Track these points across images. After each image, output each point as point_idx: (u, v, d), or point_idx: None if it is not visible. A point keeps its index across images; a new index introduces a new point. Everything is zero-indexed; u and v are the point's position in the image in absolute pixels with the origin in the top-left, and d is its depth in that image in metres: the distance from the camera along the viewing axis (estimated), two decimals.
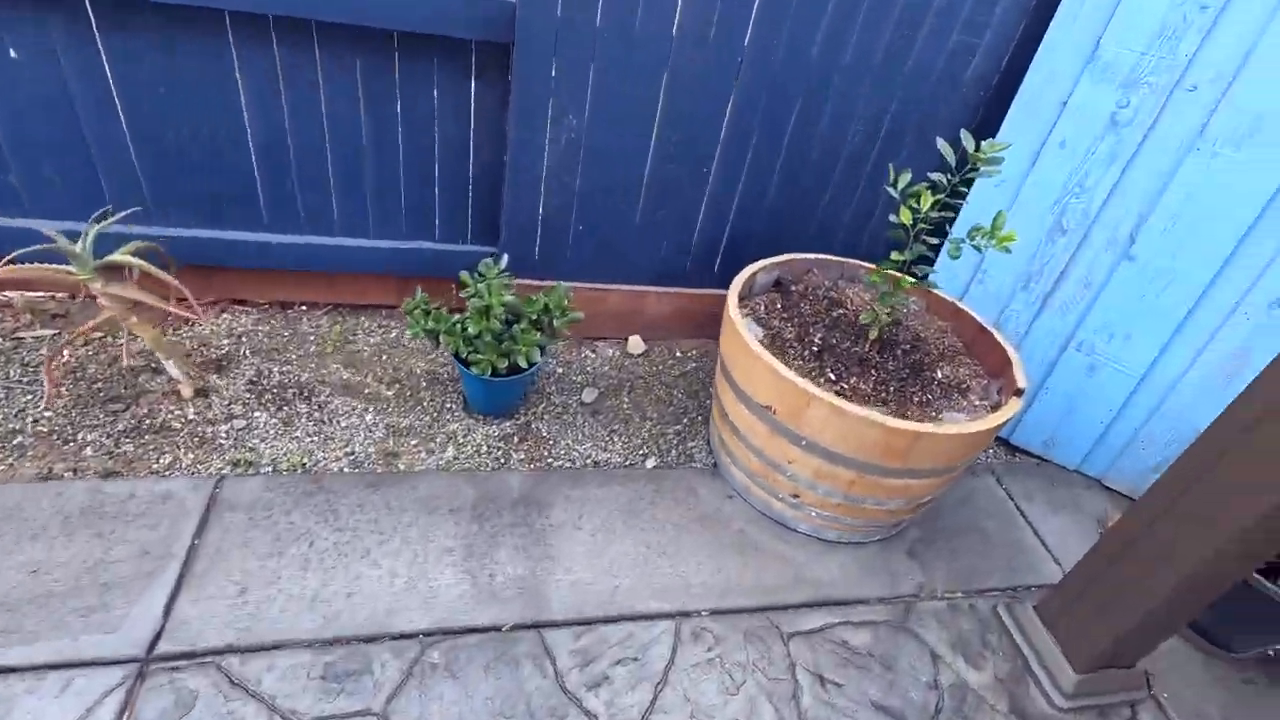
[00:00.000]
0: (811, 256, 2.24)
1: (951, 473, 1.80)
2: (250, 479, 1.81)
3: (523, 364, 1.95)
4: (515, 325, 2.00)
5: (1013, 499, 2.25)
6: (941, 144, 1.75)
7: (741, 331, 1.80)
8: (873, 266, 2.22)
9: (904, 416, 1.77)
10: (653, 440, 2.22)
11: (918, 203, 1.72)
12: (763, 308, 2.07)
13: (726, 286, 2.01)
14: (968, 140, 1.73)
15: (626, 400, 2.35)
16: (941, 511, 2.16)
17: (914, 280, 1.85)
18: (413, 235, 2.28)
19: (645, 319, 2.52)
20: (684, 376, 2.50)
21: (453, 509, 1.83)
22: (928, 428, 1.60)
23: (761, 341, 1.88)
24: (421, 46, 1.92)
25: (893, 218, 1.77)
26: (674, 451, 2.20)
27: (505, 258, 1.99)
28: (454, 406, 2.18)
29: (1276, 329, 1.93)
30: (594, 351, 2.52)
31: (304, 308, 2.42)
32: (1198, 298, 2.00)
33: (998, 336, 2.00)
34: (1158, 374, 2.15)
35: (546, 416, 2.23)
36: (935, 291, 2.18)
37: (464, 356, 1.95)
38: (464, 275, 1.96)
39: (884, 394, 1.84)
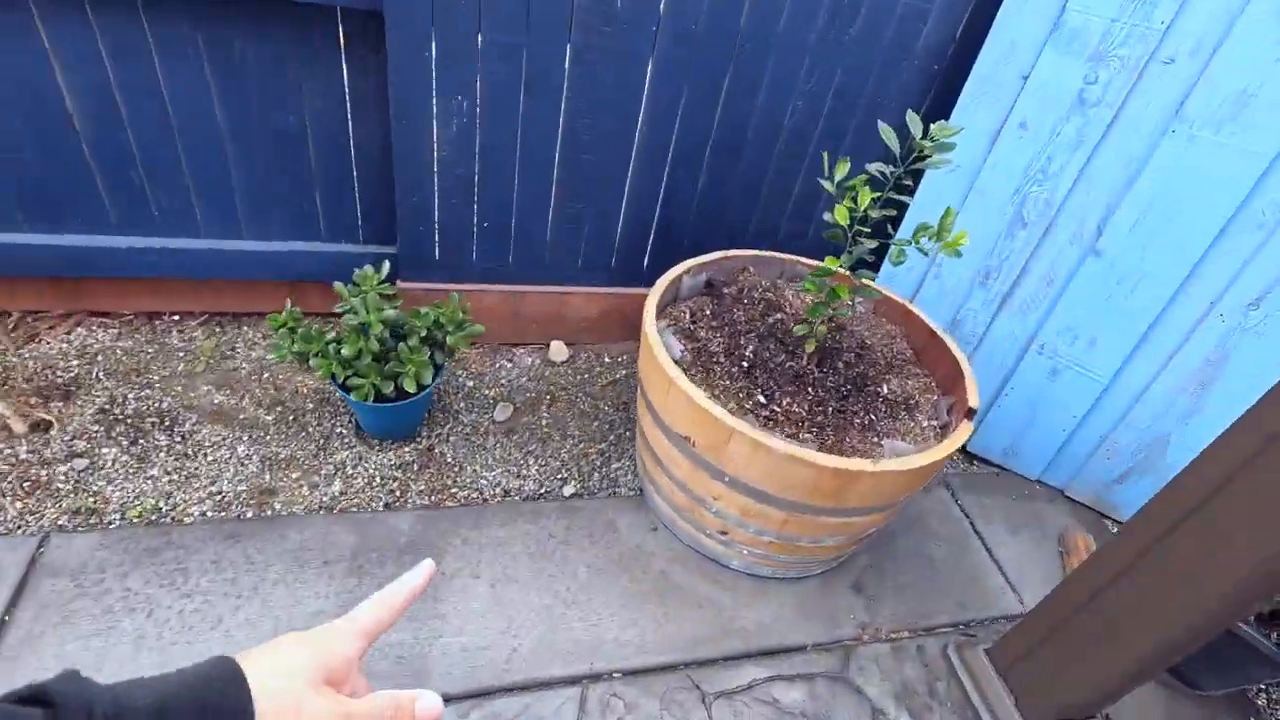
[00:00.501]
0: (748, 253, 1.99)
1: (894, 508, 1.60)
2: (82, 535, 1.54)
3: (410, 389, 1.70)
4: (404, 342, 1.73)
5: (969, 517, 2.07)
6: (884, 129, 1.51)
7: (656, 351, 1.56)
8: (817, 263, 1.99)
9: (842, 443, 1.55)
10: (573, 462, 1.99)
11: (855, 201, 1.48)
12: (688, 315, 1.82)
13: (660, 277, 1.77)
14: (914, 124, 1.48)
15: (546, 416, 2.11)
16: (891, 534, 1.96)
17: (853, 290, 1.62)
18: (293, 235, 1.99)
19: (568, 322, 2.26)
20: (612, 385, 2.26)
21: (328, 560, 1.59)
22: (862, 465, 1.39)
23: (681, 360, 1.64)
24: (273, 13, 1.61)
25: (828, 216, 1.53)
26: (596, 475, 1.97)
27: (387, 264, 1.72)
28: (345, 431, 1.92)
29: (1254, 332, 1.74)
30: (511, 360, 2.26)
31: (175, 318, 2.12)
32: (1169, 297, 1.80)
33: (950, 345, 1.78)
34: (1125, 379, 1.96)
35: (453, 438, 1.98)
36: (884, 291, 1.95)
37: (343, 381, 1.69)
38: (338, 287, 1.69)
39: (821, 416, 1.62)
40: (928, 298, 2.13)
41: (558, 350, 2.29)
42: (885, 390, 1.75)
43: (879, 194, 1.51)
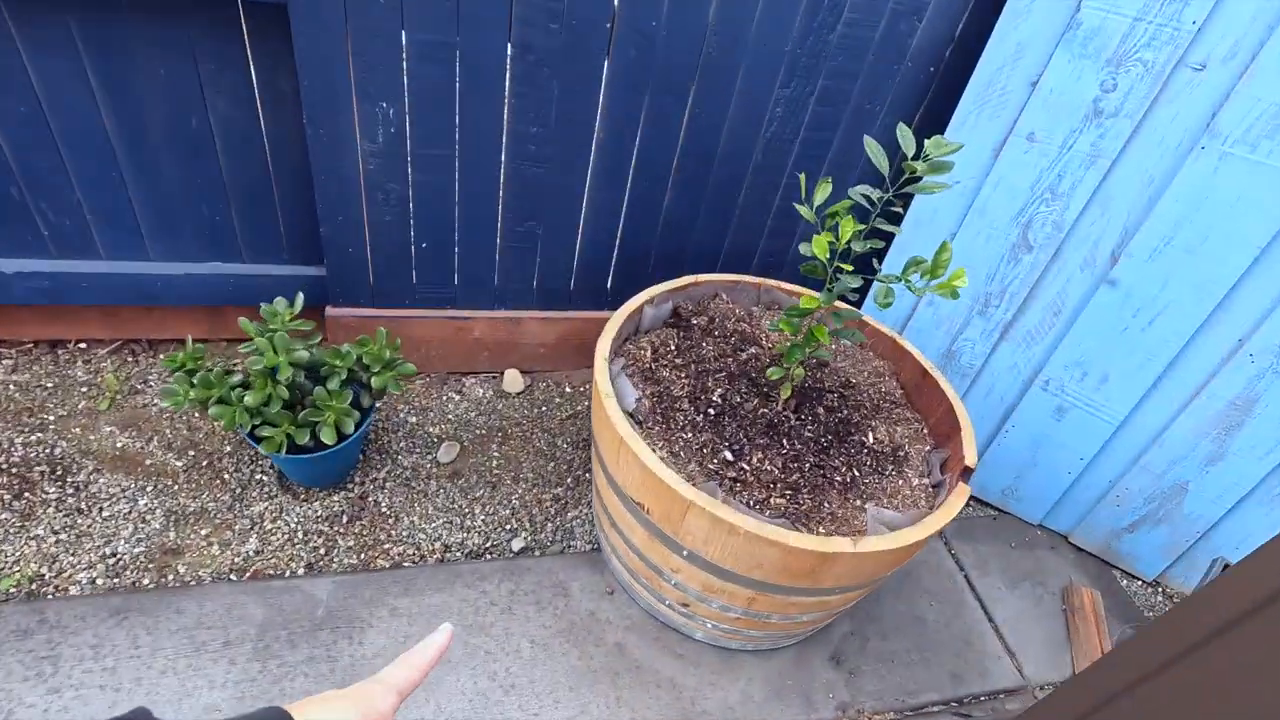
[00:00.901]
0: (720, 278, 1.78)
1: (877, 584, 1.40)
2: None
3: (329, 439, 1.48)
4: (323, 385, 1.52)
5: (963, 569, 1.87)
6: (870, 145, 1.30)
7: (606, 404, 1.35)
8: (799, 290, 1.78)
9: (820, 508, 1.35)
10: (525, 510, 1.78)
11: (837, 233, 1.27)
12: (649, 352, 1.61)
13: (620, 307, 1.56)
14: (906, 140, 1.27)
15: (496, 455, 1.90)
16: (877, 594, 1.76)
17: (834, 332, 1.41)
18: (208, 255, 1.76)
19: (524, 350, 2.05)
20: (573, 419, 2.05)
21: (229, 641, 1.38)
22: (839, 546, 1.18)
23: (637, 410, 1.43)
24: (161, 2, 1.39)
25: (804, 247, 1.32)
26: (550, 525, 1.77)
27: (301, 296, 1.50)
28: (266, 478, 1.71)
29: None
30: (460, 392, 2.05)
31: (82, 346, 1.90)
32: (1192, 334, 1.60)
33: (945, 388, 1.58)
34: (1138, 421, 1.76)
35: (390, 484, 1.77)
36: (871, 322, 1.75)
37: (250, 430, 1.48)
38: (244, 323, 1.47)
39: (797, 474, 1.42)
40: (920, 325, 1.92)
41: (513, 380, 2.07)
42: (871, 439, 1.55)
43: (863, 225, 1.30)
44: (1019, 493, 2.00)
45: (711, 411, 1.51)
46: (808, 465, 1.45)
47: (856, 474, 1.47)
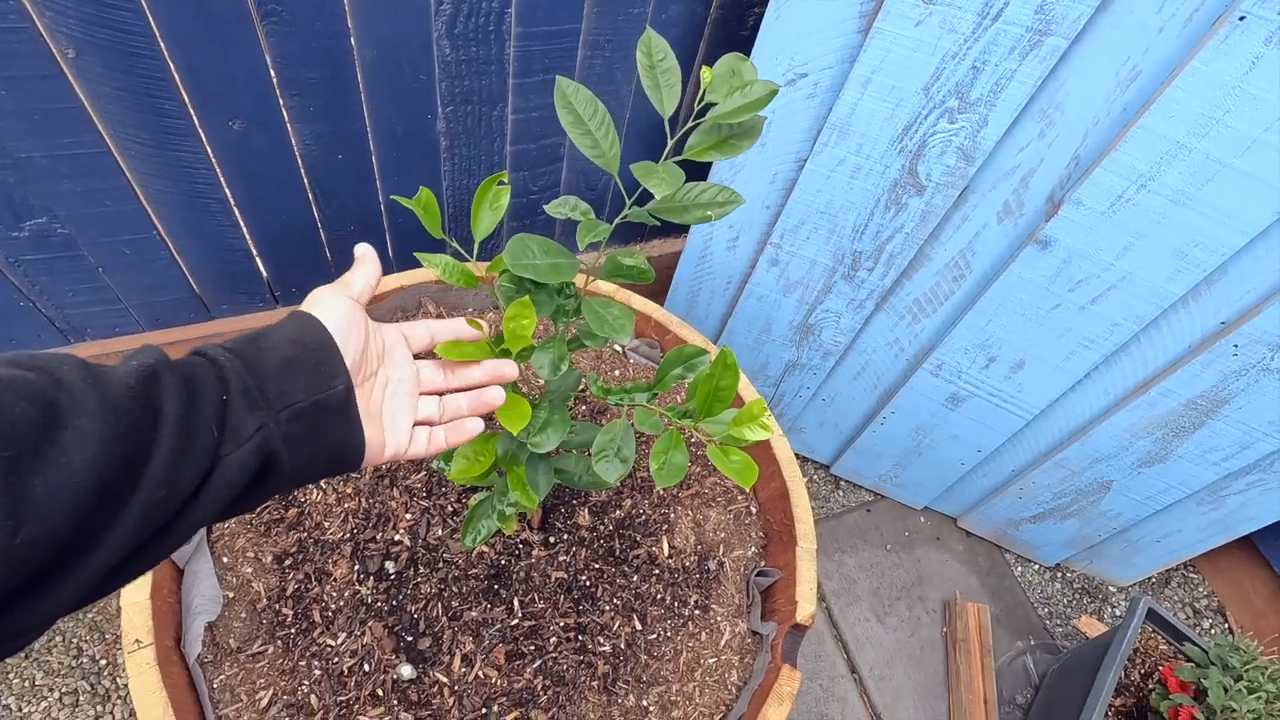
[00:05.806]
0: (422, 276, 1.05)
1: None
2: None
3: None
4: None
5: (823, 598, 1.44)
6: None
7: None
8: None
9: None
10: None
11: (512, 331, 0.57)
12: None
13: None
14: (655, 73, 0.56)
15: None
16: None
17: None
18: None
19: None
20: None
21: None
22: None
23: (218, 634, 0.79)
24: None
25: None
26: None
27: None
28: None
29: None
30: None
31: None
32: (1154, 316, 1.02)
33: (777, 449, 0.99)
34: (1057, 413, 1.24)
35: None
36: (655, 315, 1.09)
37: None
38: None
39: (534, 666, 0.86)
40: (762, 292, 1.26)
41: None
42: (666, 548, 0.98)
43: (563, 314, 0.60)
44: (899, 479, 1.53)
45: (390, 569, 0.89)
46: (552, 640, 0.89)
47: (638, 627, 0.92)
